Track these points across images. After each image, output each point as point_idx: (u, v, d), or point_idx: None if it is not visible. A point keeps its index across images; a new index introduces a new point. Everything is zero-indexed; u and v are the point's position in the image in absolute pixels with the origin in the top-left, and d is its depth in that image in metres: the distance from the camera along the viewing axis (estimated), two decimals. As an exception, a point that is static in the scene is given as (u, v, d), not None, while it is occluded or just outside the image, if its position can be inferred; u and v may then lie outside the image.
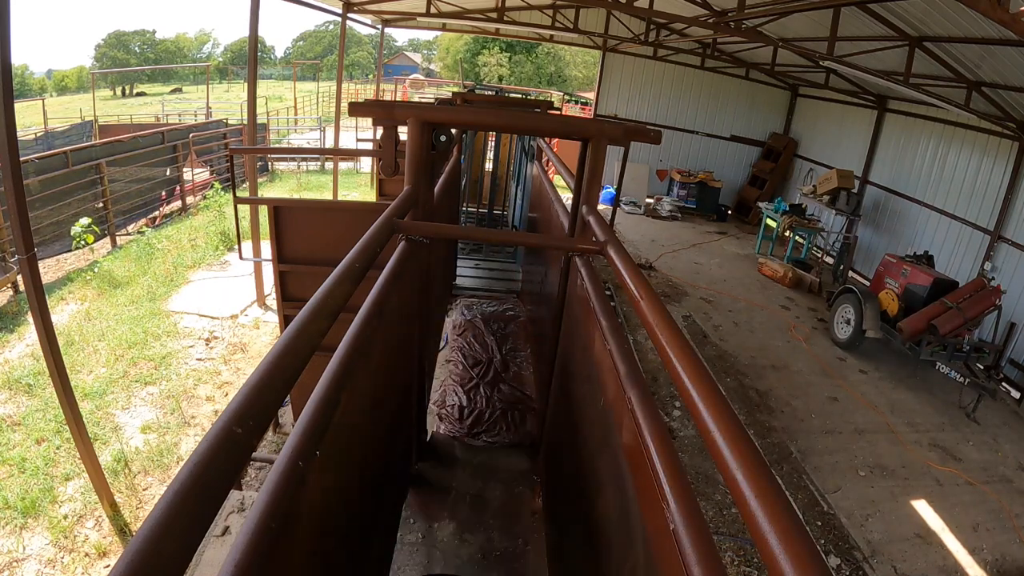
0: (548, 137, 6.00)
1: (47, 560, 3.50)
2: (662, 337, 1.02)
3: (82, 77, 37.03)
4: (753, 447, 0.69)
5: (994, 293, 6.49)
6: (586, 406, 1.79)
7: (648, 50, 12.49)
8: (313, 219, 3.49)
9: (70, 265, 7.59)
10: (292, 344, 0.86)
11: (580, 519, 1.73)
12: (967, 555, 4.24)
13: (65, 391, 3.42)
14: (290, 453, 0.83)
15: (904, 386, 6.57)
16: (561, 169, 3.92)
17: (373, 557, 1.87)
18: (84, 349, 5.71)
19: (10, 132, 2.82)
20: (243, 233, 7.11)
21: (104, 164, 8.44)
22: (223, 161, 12.08)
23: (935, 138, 8.89)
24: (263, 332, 6.40)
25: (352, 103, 1.99)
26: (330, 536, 1.16)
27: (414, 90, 27.70)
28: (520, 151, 6.61)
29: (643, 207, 12.87)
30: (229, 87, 38.73)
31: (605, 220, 1.94)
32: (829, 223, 10.26)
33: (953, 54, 6.30)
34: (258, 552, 0.66)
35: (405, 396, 2.41)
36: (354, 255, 1.27)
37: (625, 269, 1.40)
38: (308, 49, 49.74)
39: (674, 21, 9.26)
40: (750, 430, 5.25)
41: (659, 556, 0.93)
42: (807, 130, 12.58)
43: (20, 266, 3.15)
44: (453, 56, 38.35)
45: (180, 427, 4.77)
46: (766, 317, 7.99)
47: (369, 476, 1.64)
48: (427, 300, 2.59)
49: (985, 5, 3.55)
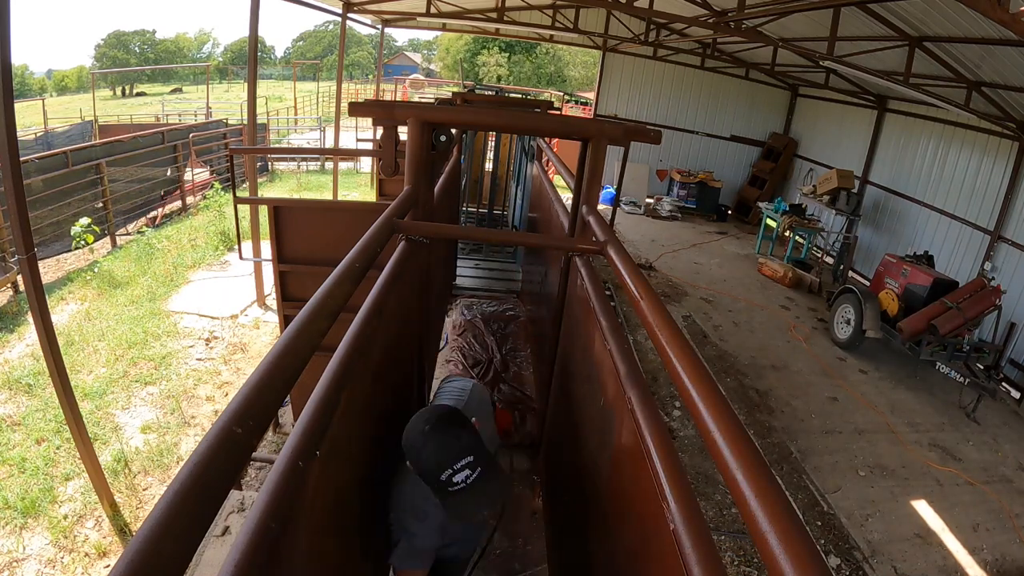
0: (548, 137, 6.00)
1: (47, 560, 3.50)
2: (662, 337, 1.02)
3: (82, 77, 37.06)
4: (753, 447, 0.69)
5: (994, 293, 6.49)
6: (586, 406, 1.79)
7: (648, 50, 12.49)
8: (313, 219, 3.49)
9: (70, 265, 7.59)
10: (292, 344, 0.86)
11: (580, 519, 1.73)
12: (967, 555, 4.24)
13: (65, 391, 3.42)
14: (290, 453, 0.83)
15: (904, 386, 6.57)
16: (561, 169, 3.91)
17: (373, 557, 1.87)
18: (84, 349, 5.72)
19: (10, 132, 2.81)
20: (243, 233, 7.11)
21: (104, 164, 8.45)
22: (223, 161, 12.08)
23: (935, 138, 8.89)
24: (263, 332, 6.40)
25: (352, 103, 1.98)
26: (330, 536, 1.15)
27: (414, 90, 27.69)
28: (520, 151, 6.61)
29: (643, 207, 12.87)
30: (229, 87, 38.74)
31: (605, 220, 1.94)
32: (829, 223, 10.26)
33: (953, 54, 6.30)
34: (258, 552, 0.66)
35: (405, 396, 2.41)
36: (354, 255, 1.27)
37: (625, 269, 1.40)
38: (308, 49, 49.79)
39: (674, 21, 9.26)
40: (750, 430, 5.25)
41: (659, 556, 0.93)
42: (807, 130, 12.58)
43: (20, 266, 3.15)
44: (453, 56, 38.38)
45: (180, 427, 4.78)
46: (766, 317, 7.99)
47: (369, 476, 1.64)
48: (427, 300, 2.58)
49: (985, 5, 3.55)
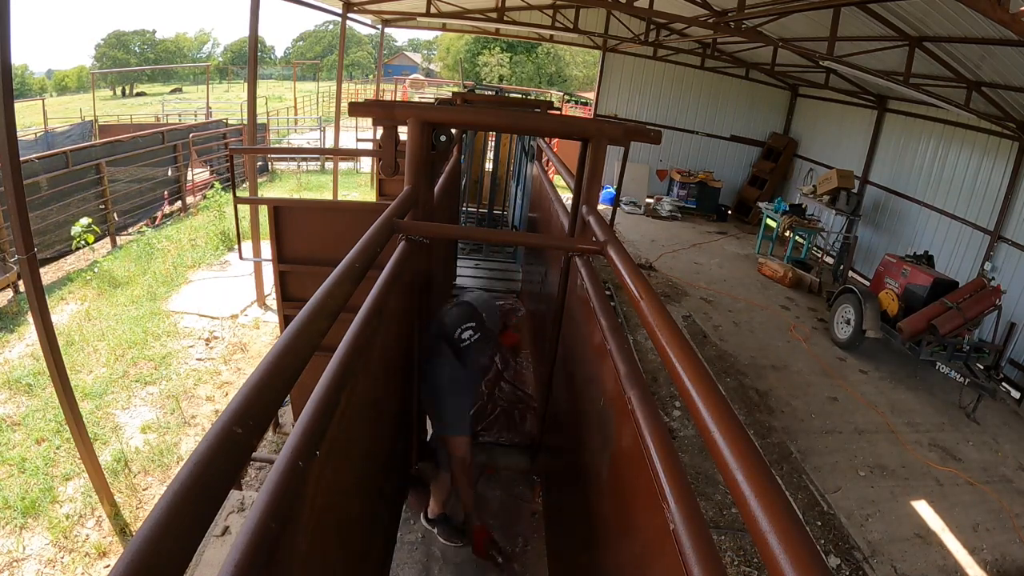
0: (548, 137, 6.00)
1: (47, 560, 3.50)
2: (662, 337, 1.02)
3: (82, 77, 37.05)
4: (753, 447, 0.69)
5: (994, 293, 6.49)
6: (586, 406, 1.80)
7: (648, 50, 12.49)
8: (313, 219, 3.49)
9: (70, 265, 7.60)
10: (292, 344, 0.86)
11: (580, 519, 1.73)
12: (967, 555, 4.24)
13: (65, 391, 3.42)
14: (290, 453, 0.83)
15: (904, 386, 6.57)
16: (561, 169, 3.91)
17: (373, 557, 1.87)
18: (84, 349, 5.72)
19: (10, 132, 2.81)
20: (243, 233, 7.11)
21: (104, 164, 8.45)
22: (223, 161, 12.08)
23: (935, 138, 8.89)
24: (263, 332, 6.40)
25: (352, 103, 1.98)
26: (330, 536, 1.16)
27: (414, 90, 27.70)
28: (520, 151, 6.61)
29: (643, 207, 12.86)
30: (229, 87, 38.74)
31: (605, 220, 1.94)
32: (829, 223, 10.26)
33: (953, 54, 6.30)
34: (258, 552, 0.66)
35: (405, 396, 2.41)
36: (354, 255, 1.27)
37: (625, 269, 1.40)
38: (308, 49, 49.76)
39: (674, 21, 9.26)
40: (750, 430, 5.25)
41: (659, 556, 0.93)
42: (807, 130, 12.58)
43: (20, 266, 3.15)
44: (453, 56, 38.38)
45: (180, 427, 4.78)
46: (766, 317, 7.99)
47: (369, 476, 1.64)
48: (427, 300, 2.59)
49: (985, 5, 3.55)
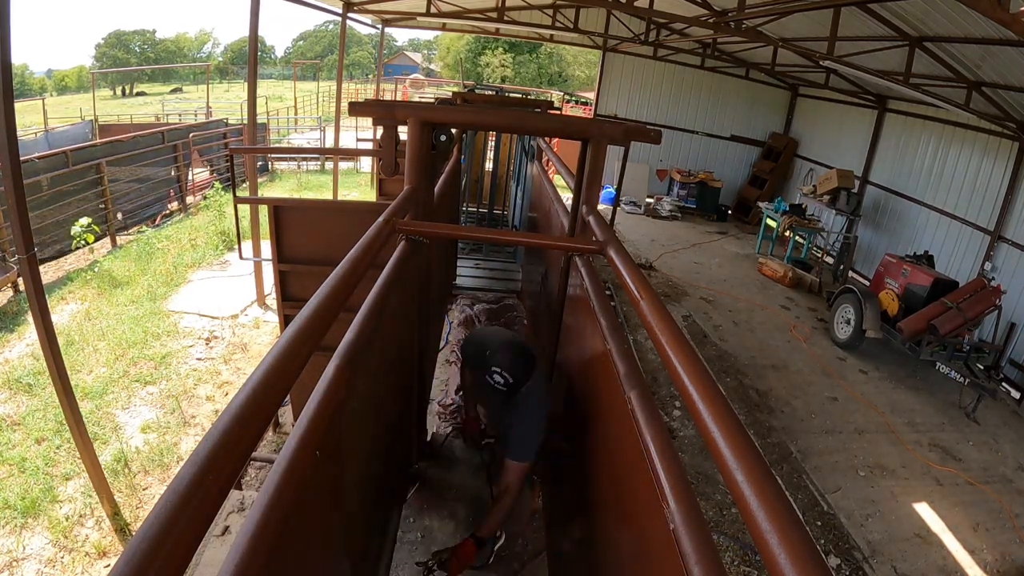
0: (548, 137, 6.00)
1: (47, 560, 3.50)
2: (662, 337, 1.02)
3: (82, 77, 37.04)
4: (753, 447, 0.69)
5: (994, 293, 6.48)
6: (586, 406, 1.80)
7: (648, 50, 12.49)
8: (313, 219, 3.49)
9: (70, 265, 7.59)
10: (292, 344, 0.86)
11: (580, 519, 1.73)
12: (967, 555, 4.24)
13: (65, 391, 3.42)
14: (290, 453, 0.83)
15: (904, 386, 6.57)
16: (561, 169, 3.91)
17: (373, 556, 1.87)
18: (84, 349, 5.72)
19: (10, 132, 2.82)
20: (243, 233, 7.10)
21: (104, 164, 8.45)
22: (223, 161, 12.08)
23: (935, 138, 8.89)
24: (263, 332, 6.40)
25: (352, 103, 1.98)
26: (330, 536, 1.16)
27: (414, 90, 27.69)
28: (520, 151, 6.60)
29: (643, 207, 12.86)
30: (229, 87, 38.76)
31: (605, 220, 1.94)
32: (829, 223, 10.26)
33: (953, 54, 6.30)
34: (258, 552, 0.66)
35: (405, 396, 2.41)
36: (354, 255, 1.27)
37: (625, 269, 1.40)
38: (308, 49, 49.76)
39: (674, 21, 9.26)
40: (750, 430, 5.25)
41: (659, 556, 0.93)
42: (807, 130, 12.58)
43: (20, 266, 3.15)
44: (454, 56, 38.37)
45: (180, 427, 4.78)
46: (766, 317, 7.99)
47: (369, 476, 1.64)
48: (427, 300, 2.58)
49: (985, 5, 3.55)
